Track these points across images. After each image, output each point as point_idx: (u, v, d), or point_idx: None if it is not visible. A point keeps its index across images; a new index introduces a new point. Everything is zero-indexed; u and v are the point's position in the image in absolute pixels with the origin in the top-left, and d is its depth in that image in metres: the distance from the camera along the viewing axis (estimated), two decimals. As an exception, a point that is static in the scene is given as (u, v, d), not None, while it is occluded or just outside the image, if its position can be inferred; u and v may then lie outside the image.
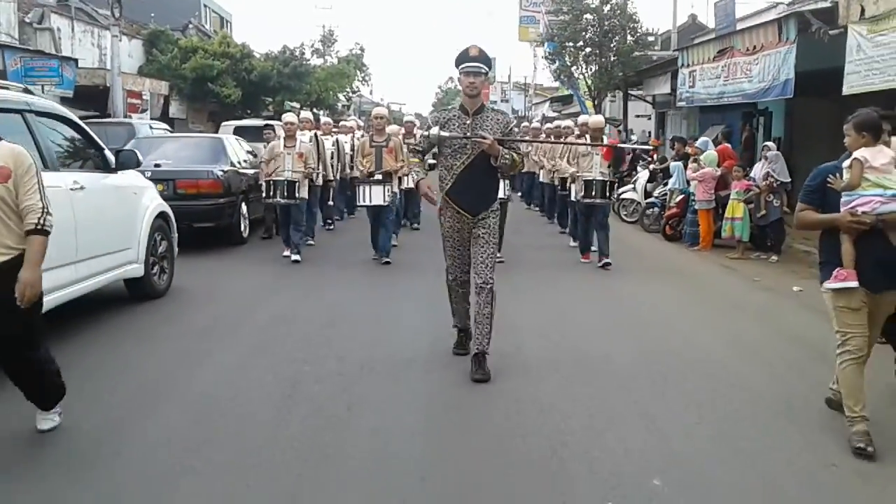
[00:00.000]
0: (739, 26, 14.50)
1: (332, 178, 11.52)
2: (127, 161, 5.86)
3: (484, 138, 4.61)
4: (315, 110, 26.68)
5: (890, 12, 9.49)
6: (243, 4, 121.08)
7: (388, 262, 8.80)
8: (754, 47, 12.22)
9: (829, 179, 3.80)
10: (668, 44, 23.58)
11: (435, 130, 4.74)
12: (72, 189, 5.10)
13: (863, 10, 10.21)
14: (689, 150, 11.57)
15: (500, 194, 8.33)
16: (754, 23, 13.74)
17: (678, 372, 4.96)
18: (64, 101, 16.46)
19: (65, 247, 4.93)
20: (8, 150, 3.33)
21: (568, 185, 10.15)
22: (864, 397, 3.75)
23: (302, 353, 5.15)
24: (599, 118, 9.85)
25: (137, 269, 6.10)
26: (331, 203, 12.12)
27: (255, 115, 25.87)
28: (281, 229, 9.63)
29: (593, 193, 8.79)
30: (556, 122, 14.74)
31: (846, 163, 3.81)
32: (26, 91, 5.24)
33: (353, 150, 11.16)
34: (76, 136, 5.52)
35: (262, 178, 9.27)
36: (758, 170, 9.96)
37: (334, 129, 12.88)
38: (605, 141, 10.00)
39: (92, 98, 19.23)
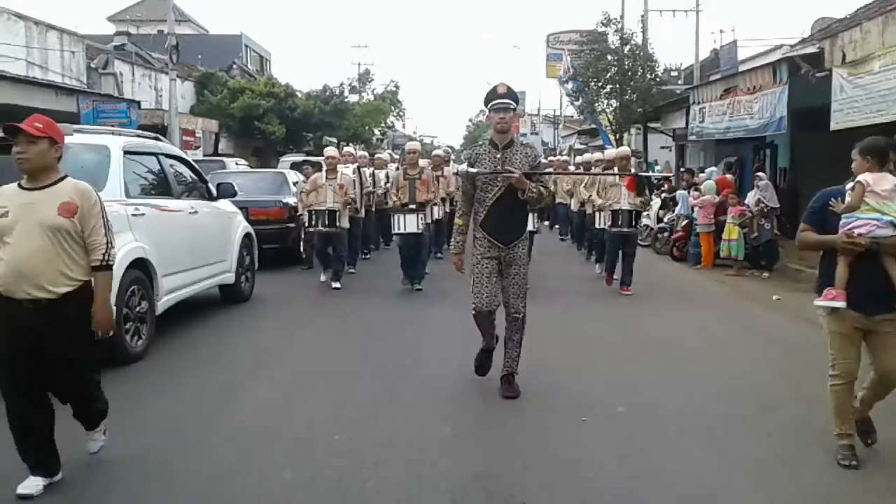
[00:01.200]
0: (742, 68, 16.02)
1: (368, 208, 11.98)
2: (225, 191, 7.55)
3: (511, 172, 4.83)
4: (352, 144, 28.66)
5: (866, 57, 10.93)
6: (281, 43, 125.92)
7: (419, 289, 9.32)
8: (755, 87, 13.70)
9: (830, 203, 3.88)
10: (690, 78, 25.14)
11: (463, 167, 5.06)
12: (189, 213, 6.77)
13: (844, 56, 11.64)
14: (695, 180, 13.04)
15: (529, 226, 9.11)
16: (754, 65, 15.26)
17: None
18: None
19: (184, 257, 6.58)
20: (74, 187, 3.49)
21: (593, 213, 10.63)
22: (850, 417, 3.96)
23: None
24: (625, 149, 10.66)
25: (230, 277, 7.74)
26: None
27: (297, 151, 27.87)
28: (319, 255, 10.02)
29: (620, 223, 9.21)
30: (586, 155, 16.10)
31: (850, 185, 3.91)
32: (156, 139, 6.87)
33: (387, 181, 11.73)
34: (189, 171, 7.23)
35: (301, 209, 10.21)
36: (751, 197, 11.39)
37: (367, 162, 13.47)
38: (632, 169, 10.69)
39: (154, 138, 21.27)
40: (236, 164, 16.06)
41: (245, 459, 4.01)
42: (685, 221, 12.52)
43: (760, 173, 12.63)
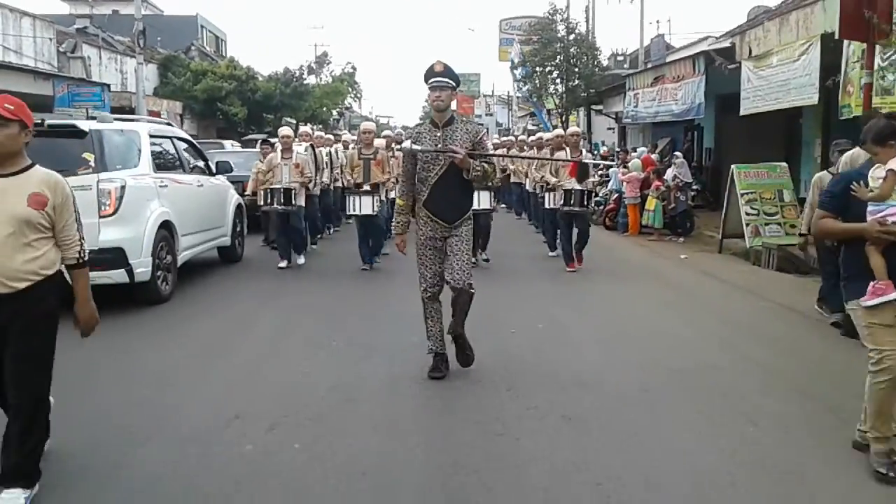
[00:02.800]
0: (672, 58, 17.92)
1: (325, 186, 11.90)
2: (222, 168, 9.07)
3: (455, 152, 4.78)
4: (309, 125, 29.93)
5: (766, 53, 12.81)
6: (236, 24, 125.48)
7: (377, 263, 9.62)
8: (678, 76, 15.59)
9: (852, 187, 3.63)
10: (636, 62, 27.02)
11: (407, 144, 4.97)
12: (197, 186, 8.30)
13: (751, 50, 13.52)
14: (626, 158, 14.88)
15: (486, 205, 9.03)
16: (680, 56, 17.17)
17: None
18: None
19: (194, 221, 8.11)
20: (45, 177, 3.31)
21: (545, 191, 10.64)
22: (891, 419, 3.64)
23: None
24: (575, 128, 11.10)
25: (227, 241, 9.28)
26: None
27: (258, 132, 29.05)
28: (277, 238, 9.95)
29: (572, 202, 9.32)
30: (539, 134, 17.40)
31: (878, 171, 3.64)
32: (168, 124, 8.34)
33: (339, 160, 12.07)
34: (194, 151, 8.75)
35: (249, 189, 10.27)
36: (669, 173, 13.26)
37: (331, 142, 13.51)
38: (582, 149, 10.61)
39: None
40: (231, 145, 18.31)
41: (250, 376, 5.44)
42: (615, 195, 14.35)
43: (677, 153, 14.56)
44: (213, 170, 8.98)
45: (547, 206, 10.40)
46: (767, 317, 7.35)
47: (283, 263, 9.46)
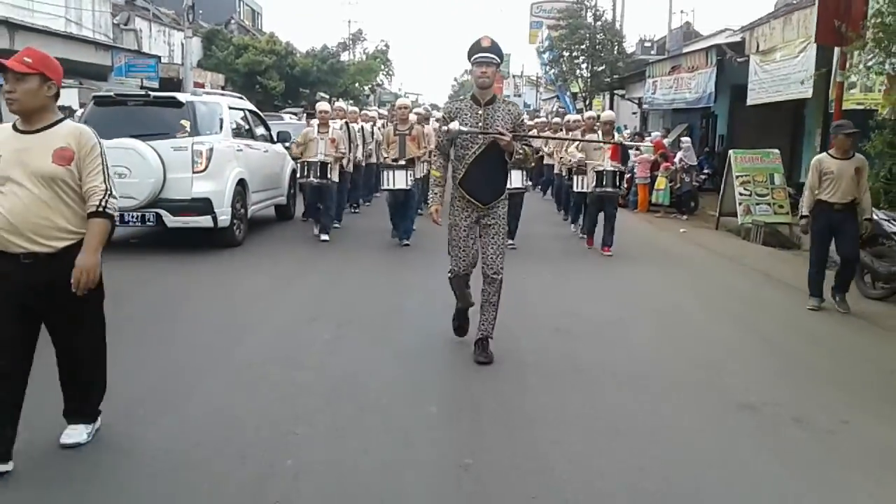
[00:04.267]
0: (685, 50, 19.21)
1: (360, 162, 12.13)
2: (282, 137, 10.65)
3: (503, 134, 4.71)
4: (342, 100, 31.47)
5: (772, 48, 14.10)
6: None
7: (407, 245, 9.50)
8: (693, 67, 16.90)
9: None
10: (663, 49, 28.18)
11: (454, 125, 4.82)
12: (263, 151, 9.90)
13: (758, 45, 14.80)
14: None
15: (518, 184, 8.84)
16: (694, 48, 18.45)
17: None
18: (154, 90, 21.39)
19: (261, 181, 9.71)
20: (71, 130, 3.25)
21: (572, 174, 10.71)
22: None
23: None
24: (610, 113, 10.87)
25: (283, 200, 10.90)
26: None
27: (294, 106, 30.65)
28: (310, 210, 10.37)
29: (604, 183, 9.41)
30: (568, 117, 18.34)
31: None
32: (240, 98, 10.06)
33: (372, 137, 12.50)
34: (260, 122, 10.36)
35: (281, 164, 10.61)
36: (678, 157, 14.65)
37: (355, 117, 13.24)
38: (614, 132, 10.75)
39: (168, 89, 24.09)
40: (289, 117, 20.04)
41: (321, 293, 7.15)
42: (628, 175, 15.76)
43: (684, 138, 15.92)
44: (275, 138, 10.56)
45: (576, 188, 10.54)
46: (739, 278, 8.83)
47: (317, 232, 9.80)
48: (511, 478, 3.44)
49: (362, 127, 12.52)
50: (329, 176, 9.66)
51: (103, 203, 3.24)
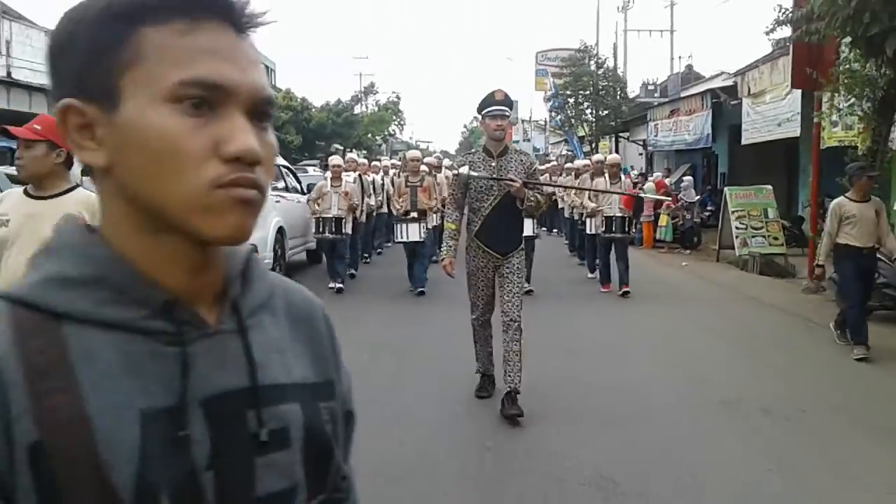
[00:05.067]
0: (683, 94, 20.40)
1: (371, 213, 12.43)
2: (311, 189, 11.76)
3: (513, 181, 4.79)
4: (355, 151, 32.84)
5: (761, 91, 15.19)
6: (284, 54, 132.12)
7: (422, 292, 9.64)
8: (691, 110, 18.02)
9: None
10: (665, 92, 29.45)
11: (464, 170, 4.96)
12: (297, 202, 10.99)
13: (749, 89, 15.91)
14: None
15: (529, 232, 8.55)
16: (690, 93, 19.62)
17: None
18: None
19: (296, 229, 10.77)
20: (83, 199, 3.10)
21: (584, 218, 11.05)
22: None
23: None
24: (616, 157, 11.17)
25: (313, 245, 11.96)
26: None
27: (310, 158, 32.04)
28: (328, 263, 10.44)
29: (613, 229, 9.69)
30: (577, 162, 18.31)
31: None
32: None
33: (382, 189, 12.64)
34: (292, 176, 11.48)
35: (308, 214, 10.52)
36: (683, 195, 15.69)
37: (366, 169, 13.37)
38: (621, 175, 10.75)
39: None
40: (314, 170, 20.89)
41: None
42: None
43: (685, 177, 16.94)
44: (304, 190, 11.67)
45: (588, 231, 10.82)
46: (733, 302, 9.74)
47: (332, 284, 9.86)
48: (525, 459, 4.29)
49: (373, 179, 12.67)
50: (344, 230, 9.91)
51: None
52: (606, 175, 10.00)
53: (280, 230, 9.89)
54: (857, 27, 7.05)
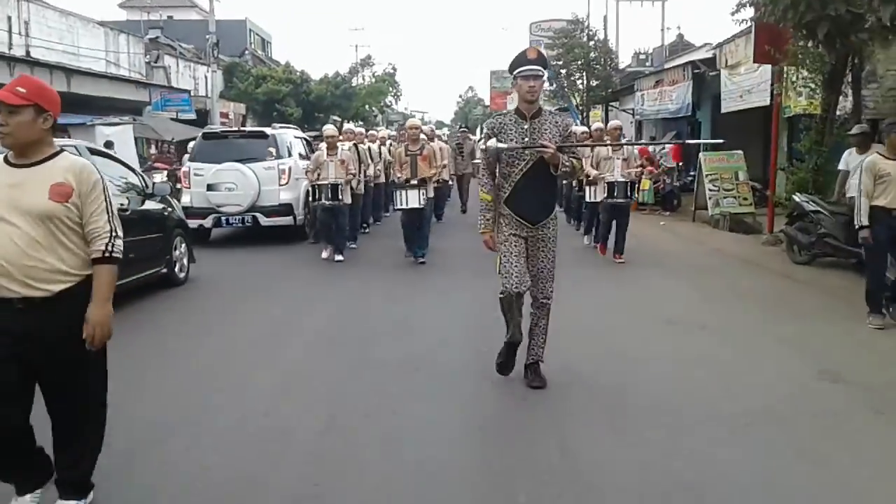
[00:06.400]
0: (667, 66, 21.74)
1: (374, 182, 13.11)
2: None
3: (546, 147, 4.57)
4: (352, 122, 34.12)
5: (738, 63, 16.54)
6: (281, 26, 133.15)
7: (423, 262, 9.87)
8: (674, 81, 19.38)
9: None
10: (658, 59, 30.71)
11: (492, 143, 4.69)
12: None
13: (727, 61, 17.26)
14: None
15: None
16: (673, 65, 20.98)
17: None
18: (188, 121, 24.09)
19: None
20: (70, 165, 3.01)
21: (584, 185, 11.13)
22: None
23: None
24: (617, 122, 11.17)
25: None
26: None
27: (310, 130, 33.27)
28: (322, 231, 10.79)
29: (616, 194, 9.90)
30: (574, 128, 20.82)
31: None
32: (292, 127, 12.82)
33: (380, 157, 13.52)
34: (309, 147, 12.98)
35: (307, 184, 10.94)
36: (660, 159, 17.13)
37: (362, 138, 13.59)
38: (621, 138, 11.00)
39: (198, 119, 26.79)
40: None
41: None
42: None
43: (667, 144, 18.38)
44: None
45: (588, 199, 11.04)
46: (698, 254, 11.25)
47: (326, 254, 10.33)
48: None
49: (369, 147, 13.08)
50: (340, 197, 10.15)
51: (110, 247, 3.04)
52: (609, 141, 10.39)
53: (306, 193, 11.46)
54: (795, 15, 8.43)
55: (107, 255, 3.05)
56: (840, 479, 3.68)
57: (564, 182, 13.13)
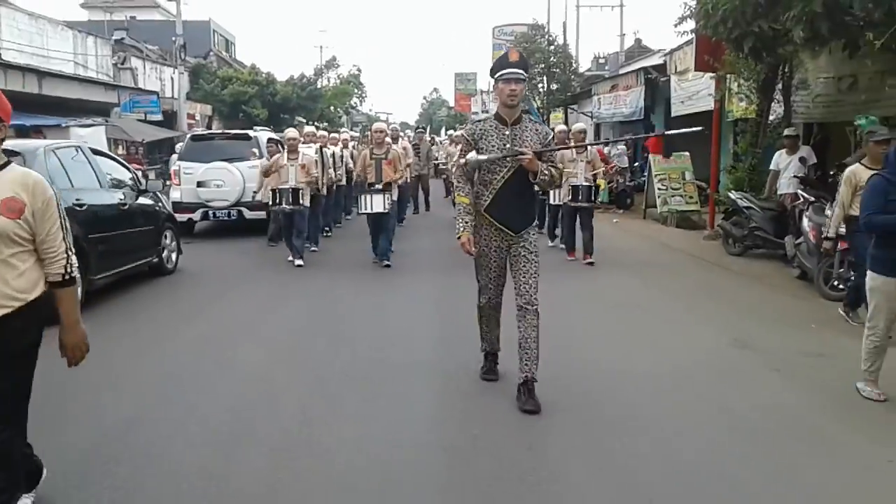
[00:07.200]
0: (621, 71, 22.89)
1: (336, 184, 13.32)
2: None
3: (523, 154, 4.49)
4: (318, 124, 34.75)
5: (685, 70, 17.65)
6: (243, 26, 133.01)
7: (388, 266, 9.83)
8: (628, 86, 20.49)
9: None
10: (616, 63, 31.86)
11: (472, 156, 4.61)
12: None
13: (676, 67, 18.38)
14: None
15: None
16: (627, 70, 22.13)
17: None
18: (155, 122, 24.67)
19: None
20: (21, 178, 2.84)
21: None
22: None
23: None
24: (581, 125, 11.76)
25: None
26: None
27: (277, 131, 33.84)
28: (285, 236, 10.60)
29: (579, 198, 10.10)
30: (561, 127, 21.68)
31: None
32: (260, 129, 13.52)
33: (341, 160, 13.75)
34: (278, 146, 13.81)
35: (258, 187, 11.37)
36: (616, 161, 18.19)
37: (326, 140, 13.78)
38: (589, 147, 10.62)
39: (165, 120, 27.33)
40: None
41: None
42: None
43: (620, 146, 19.47)
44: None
45: (551, 201, 11.17)
46: (646, 247, 12.28)
47: (292, 258, 10.12)
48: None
49: (333, 152, 13.23)
50: (301, 202, 10.08)
51: (69, 269, 2.96)
52: (572, 143, 10.33)
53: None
54: (725, 30, 9.46)
55: (67, 277, 2.97)
56: (741, 422, 4.60)
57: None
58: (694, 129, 5.82)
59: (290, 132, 10.67)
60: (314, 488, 3.65)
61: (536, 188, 4.88)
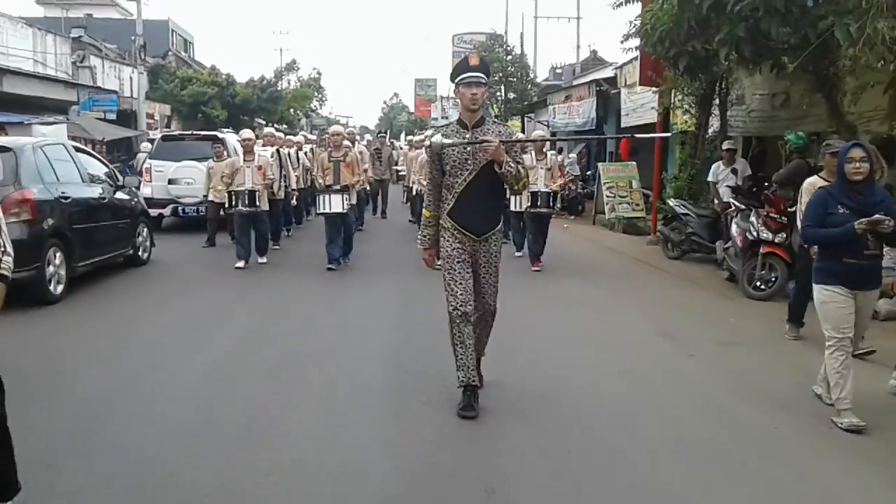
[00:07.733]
0: (575, 83, 23.84)
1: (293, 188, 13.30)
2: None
3: (489, 141, 4.47)
4: (277, 126, 35.08)
5: (634, 83, 18.55)
6: (202, 26, 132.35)
7: (337, 263, 10.04)
8: (580, 97, 21.39)
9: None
10: (572, 74, 32.85)
11: (437, 138, 4.64)
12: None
13: (626, 80, 19.31)
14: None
15: None
16: (580, 82, 23.08)
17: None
18: (111, 121, 24.86)
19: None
20: None
21: (508, 196, 10.11)
22: None
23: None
24: (539, 132, 12.81)
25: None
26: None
27: (237, 132, 34.10)
28: (239, 239, 10.26)
29: (539, 204, 10.23)
30: (539, 132, 22.25)
31: None
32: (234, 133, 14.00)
33: (298, 162, 13.90)
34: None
35: (204, 191, 12.22)
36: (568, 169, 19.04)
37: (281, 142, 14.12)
38: (546, 151, 10.70)
39: (123, 120, 27.47)
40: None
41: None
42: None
43: (572, 154, 20.36)
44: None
45: (512, 208, 10.78)
46: (593, 251, 13.07)
47: (241, 264, 10.01)
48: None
49: (289, 153, 13.40)
50: (258, 204, 10.09)
51: (2, 266, 2.87)
52: (533, 152, 10.31)
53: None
54: (662, 49, 10.27)
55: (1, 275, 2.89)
56: (657, 397, 5.30)
57: None
58: (664, 133, 6.39)
59: (245, 133, 10.75)
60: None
61: (505, 189, 4.89)
